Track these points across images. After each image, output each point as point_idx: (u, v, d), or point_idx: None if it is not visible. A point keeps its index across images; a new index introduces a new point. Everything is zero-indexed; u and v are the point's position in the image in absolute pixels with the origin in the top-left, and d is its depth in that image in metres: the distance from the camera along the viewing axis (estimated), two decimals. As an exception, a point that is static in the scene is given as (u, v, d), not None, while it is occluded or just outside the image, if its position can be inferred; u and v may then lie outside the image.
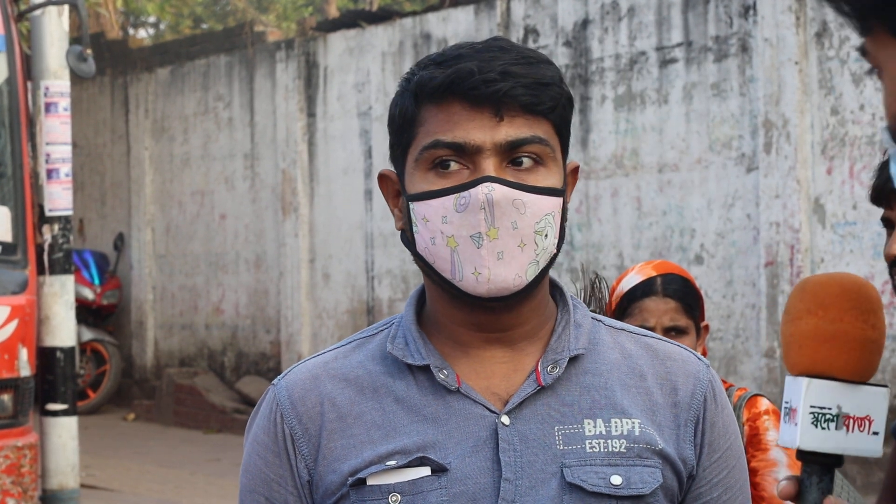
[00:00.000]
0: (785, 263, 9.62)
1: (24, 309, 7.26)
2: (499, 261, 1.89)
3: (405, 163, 1.96)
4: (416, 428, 1.93)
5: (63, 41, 7.64)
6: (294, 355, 13.60)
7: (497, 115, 1.90)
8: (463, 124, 1.90)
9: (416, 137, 1.94)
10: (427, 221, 1.92)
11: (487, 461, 1.92)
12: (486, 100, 1.89)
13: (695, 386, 2.00)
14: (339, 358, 2.02)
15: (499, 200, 1.88)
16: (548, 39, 11.37)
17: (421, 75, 1.93)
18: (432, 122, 1.92)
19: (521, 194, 1.90)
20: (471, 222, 1.89)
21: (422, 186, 1.93)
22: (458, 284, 1.91)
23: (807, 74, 9.58)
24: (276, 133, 14.01)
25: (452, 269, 1.91)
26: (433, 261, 1.93)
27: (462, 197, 1.89)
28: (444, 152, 1.91)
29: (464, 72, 1.89)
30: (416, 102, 1.94)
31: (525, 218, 1.90)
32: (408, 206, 1.94)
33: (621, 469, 1.93)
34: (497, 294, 1.90)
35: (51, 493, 7.66)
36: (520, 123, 1.91)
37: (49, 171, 7.63)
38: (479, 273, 1.90)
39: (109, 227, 16.26)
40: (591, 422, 1.95)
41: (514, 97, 1.90)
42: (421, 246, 1.94)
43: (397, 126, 1.96)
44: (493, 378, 1.97)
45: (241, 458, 2.07)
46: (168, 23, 23.09)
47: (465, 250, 1.90)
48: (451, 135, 1.90)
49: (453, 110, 1.91)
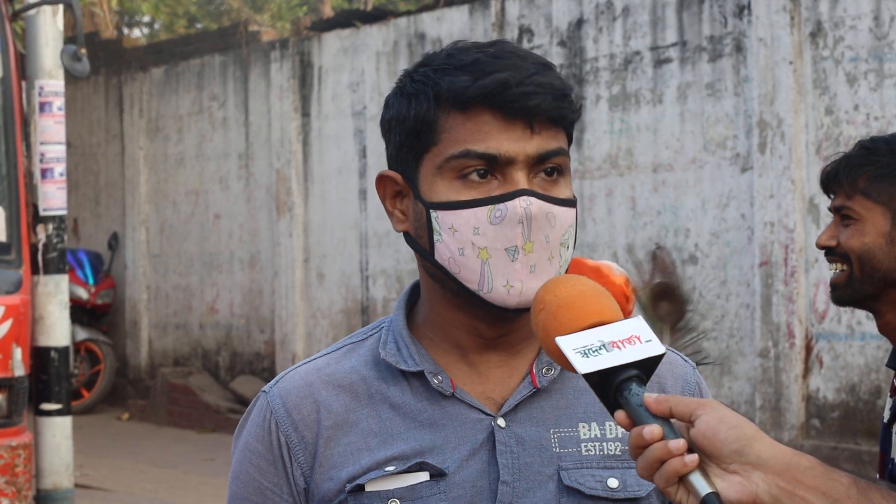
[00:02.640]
0: (779, 263, 9.63)
1: (19, 308, 7.25)
2: (531, 274, 1.89)
3: (419, 167, 1.93)
4: (412, 434, 1.93)
5: (57, 41, 7.63)
6: (288, 355, 13.60)
7: (530, 127, 1.88)
8: (495, 135, 1.88)
9: (439, 144, 1.91)
10: (455, 231, 1.89)
11: (484, 464, 1.92)
12: (520, 112, 1.87)
13: (683, 388, 2.03)
14: (332, 364, 2.00)
15: (536, 215, 1.88)
16: (542, 39, 11.37)
17: (448, 82, 1.89)
18: (459, 131, 1.89)
19: (553, 207, 1.90)
20: (507, 235, 1.87)
21: (448, 195, 1.90)
22: (484, 296, 1.90)
23: (801, 74, 9.59)
24: (270, 133, 14.01)
25: (481, 281, 1.89)
26: (458, 271, 1.90)
27: (498, 209, 1.88)
28: (475, 163, 1.88)
29: (499, 83, 1.87)
30: (437, 107, 1.91)
31: (555, 231, 1.90)
32: (428, 214, 1.91)
33: (617, 472, 1.94)
34: (525, 306, 1.89)
35: (45, 492, 7.66)
36: (548, 135, 1.90)
37: (43, 170, 7.62)
38: (512, 286, 1.88)
39: (104, 226, 16.25)
40: (586, 425, 1.95)
41: (546, 111, 1.88)
42: (443, 255, 1.91)
43: (410, 128, 1.93)
44: (489, 382, 1.96)
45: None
46: (162, 22, 23.08)
47: (497, 263, 1.88)
48: (484, 145, 1.88)
49: (483, 120, 1.89)
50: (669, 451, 1.61)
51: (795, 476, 1.62)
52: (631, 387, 1.67)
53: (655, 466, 1.62)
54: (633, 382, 1.67)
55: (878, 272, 2.99)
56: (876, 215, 2.99)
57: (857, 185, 3.01)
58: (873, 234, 2.99)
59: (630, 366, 1.68)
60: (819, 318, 9.48)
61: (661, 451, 1.61)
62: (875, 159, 3.01)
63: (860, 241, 2.99)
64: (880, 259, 2.99)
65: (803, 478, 1.63)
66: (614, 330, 1.70)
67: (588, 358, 1.68)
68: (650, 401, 1.65)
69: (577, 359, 1.68)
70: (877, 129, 9.04)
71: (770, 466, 1.62)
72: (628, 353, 1.68)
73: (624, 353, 1.68)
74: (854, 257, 3.01)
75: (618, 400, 1.68)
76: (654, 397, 1.66)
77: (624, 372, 1.67)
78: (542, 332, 1.75)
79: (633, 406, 1.66)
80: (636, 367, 1.68)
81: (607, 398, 1.69)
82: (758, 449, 1.62)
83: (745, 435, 1.62)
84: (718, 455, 1.61)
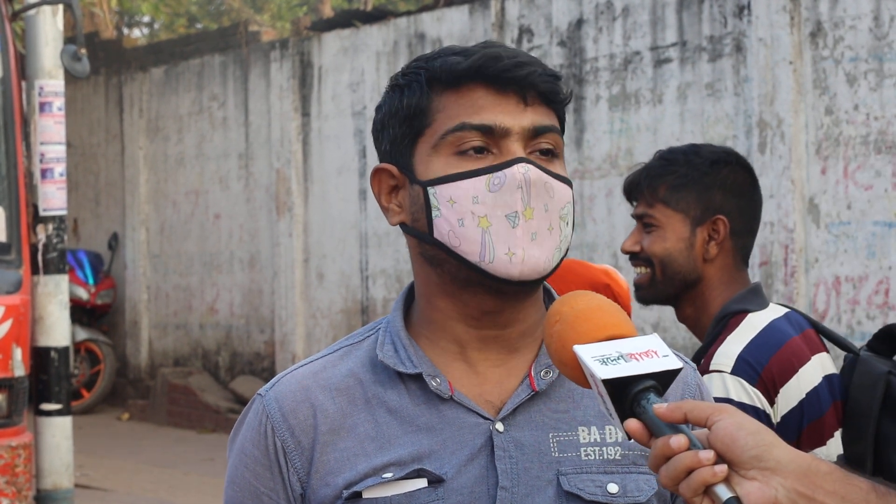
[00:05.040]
0: (779, 263, 9.63)
1: (19, 308, 7.25)
2: (532, 241, 1.88)
3: (413, 152, 1.94)
4: (410, 439, 1.91)
5: (57, 41, 7.63)
6: (288, 355, 13.59)
7: (523, 100, 1.90)
8: (489, 108, 1.90)
9: (434, 124, 1.92)
10: (454, 203, 1.89)
11: (483, 470, 1.90)
12: (513, 84, 1.90)
13: (683, 390, 2.01)
14: (328, 367, 1.98)
15: (535, 180, 1.88)
16: (542, 39, 11.37)
17: (441, 62, 1.92)
18: (454, 108, 1.91)
19: (550, 179, 1.91)
20: (507, 201, 1.88)
21: (445, 170, 1.91)
22: (486, 267, 1.89)
23: (801, 74, 9.59)
24: (270, 133, 14.00)
25: (482, 252, 1.88)
26: (458, 244, 1.89)
27: (496, 177, 1.88)
28: (471, 135, 1.90)
29: (491, 56, 1.90)
30: (430, 90, 1.92)
31: (554, 202, 1.90)
32: (426, 193, 1.91)
33: (617, 477, 1.92)
34: (528, 277, 1.89)
35: (45, 492, 7.65)
36: (541, 111, 1.92)
37: (43, 170, 7.62)
38: (514, 253, 1.88)
39: (104, 226, 16.24)
40: (586, 429, 1.94)
41: (536, 84, 1.90)
42: (443, 230, 1.90)
43: (403, 117, 1.94)
44: (487, 384, 1.95)
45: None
46: (162, 22, 23.07)
47: (498, 230, 1.88)
48: (479, 118, 1.90)
49: (477, 95, 1.91)
50: (699, 461, 1.61)
51: (814, 481, 1.63)
52: (649, 397, 1.68)
53: (682, 476, 1.62)
54: (651, 393, 1.68)
55: (678, 275, 3.25)
56: (675, 222, 3.25)
57: (657, 195, 3.27)
58: (673, 240, 3.25)
59: (647, 377, 1.69)
60: (819, 318, 9.48)
61: (691, 460, 1.62)
62: (673, 169, 3.26)
63: (662, 247, 3.26)
64: (680, 263, 3.25)
65: (822, 483, 1.63)
66: (632, 344, 1.72)
67: (607, 366, 1.69)
68: (663, 410, 1.65)
69: (597, 366, 1.69)
70: (877, 129, 9.05)
71: (789, 471, 1.62)
72: (646, 365, 1.69)
73: (642, 364, 1.69)
74: (657, 261, 3.26)
75: (634, 410, 1.68)
76: (666, 405, 1.66)
77: (641, 382, 1.68)
78: (557, 342, 1.75)
79: (650, 416, 1.66)
80: (653, 380, 1.70)
81: (623, 409, 1.69)
82: (777, 454, 1.63)
83: (764, 441, 1.63)
84: (737, 461, 1.62)
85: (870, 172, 9.07)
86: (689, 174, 3.26)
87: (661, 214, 3.26)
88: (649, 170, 3.31)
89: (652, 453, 1.65)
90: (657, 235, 3.26)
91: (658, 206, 3.26)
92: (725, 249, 3.27)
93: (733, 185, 3.30)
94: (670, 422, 1.65)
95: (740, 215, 3.29)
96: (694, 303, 3.28)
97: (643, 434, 1.67)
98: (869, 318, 9.02)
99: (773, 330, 3.18)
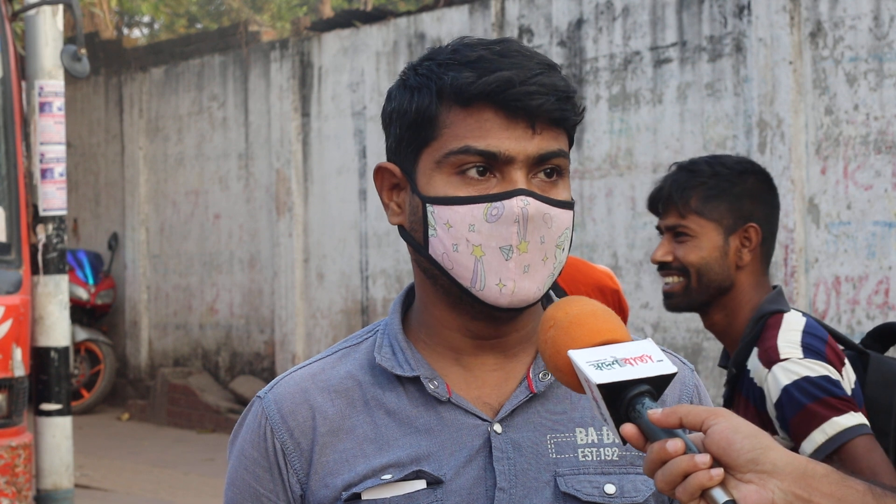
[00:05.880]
0: (779, 263, 9.63)
1: (19, 309, 7.25)
2: (524, 274, 1.88)
3: (417, 161, 1.92)
4: (408, 440, 1.91)
5: (57, 41, 7.63)
6: (288, 355, 13.60)
7: (532, 127, 1.88)
8: (496, 133, 1.87)
9: (439, 139, 1.90)
10: (450, 227, 1.88)
11: (481, 471, 1.91)
12: (522, 111, 1.87)
13: (681, 391, 2.01)
14: (327, 369, 1.99)
15: (533, 215, 1.87)
16: (542, 39, 11.37)
17: (452, 77, 1.89)
18: (460, 127, 1.89)
19: (550, 209, 1.89)
20: (502, 234, 1.87)
21: (445, 190, 1.89)
22: (476, 293, 1.89)
23: (801, 74, 9.59)
24: (270, 133, 14.00)
25: (473, 279, 1.88)
26: (451, 267, 1.89)
27: (495, 207, 1.87)
28: (474, 159, 1.88)
29: (503, 81, 1.86)
30: (439, 102, 1.90)
31: (551, 232, 1.89)
32: (424, 208, 1.91)
33: (614, 477, 1.93)
34: (517, 306, 1.89)
35: (45, 492, 7.65)
36: (549, 136, 1.90)
37: (43, 170, 7.61)
38: (504, 285, 1.87)
39: (103, 226, 16.24)
40: (583, 430, 1.94)
41: (548, 112, 1.88)
42: (437, 250, 1.90)
43: (410, 121, 1.92)
44: (485, 387, 1.95)
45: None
46: (162, 22, 23.07)
47: (491, 261, 1.87)
48: (484, 143, 1.87)
49: (485, 117, 1.88)
50: (696, 465, 1.61)
51: (811, 483, 1.63)
52: (644, 401, 1.68)
53: (678, 480, 1.62)
54: (646, 397, 1.68)
55: (713, 283, 3.37)
56: (709, 231, 3.37)
57: (689, 205, 3.37)
58: (709, 249, 3.37)
59: (642, 382, 1.70)
60: (819, 318, 9.46)
61: (688, 464, 1.61)
62: (702, 180, 3.37)
63: (698, 256, 3.37)
64: (716, 271, 3.37)
65: (819, 485, 1.64)
66: (626, 348, 1.73)
67: (602, 370, 1.69)
68: (657, 415, 1.65)
69: (591, 370, 1.69)
70: (876, 129, 9.05)
71: (786, 474, 1.63)
72: (641, 370, 1.70)
73: (637, 368, 1.70)
74: (693, 270, 3.38)
75: (629, 415, 1.69)
76: (661, 411, 1.66)
77: (636, 387, 1.69)
78: (551, 347, 1.76)
79: (645, 421, 1.67)
80: (648, 384, 1.70)
81: (618, 413, 1.69)
82: (773, 457, 1.63)
83: (761, 444, 1.63)
84: (733, 464, 1.62)
85: (870, 172, 9.07)
86: (719, 184, 3.37)
87: (694, 224, 3.37)
88: (676, 181, 3.40)
89: (647, 457, 1.65)
90: (692, 245, 3.37)
91: (691, 216, 3.37)
92: (756, 256, 3.40)
93: (759, 192, 3.42)
94: (666, 427, 1.65)
95: (767, 222, 3.42)
96: (724, 309, 3.39)
97: (639, 439, 1.66)
98: (869, 318, 9.02)
99: (815, 326, 3.31)
